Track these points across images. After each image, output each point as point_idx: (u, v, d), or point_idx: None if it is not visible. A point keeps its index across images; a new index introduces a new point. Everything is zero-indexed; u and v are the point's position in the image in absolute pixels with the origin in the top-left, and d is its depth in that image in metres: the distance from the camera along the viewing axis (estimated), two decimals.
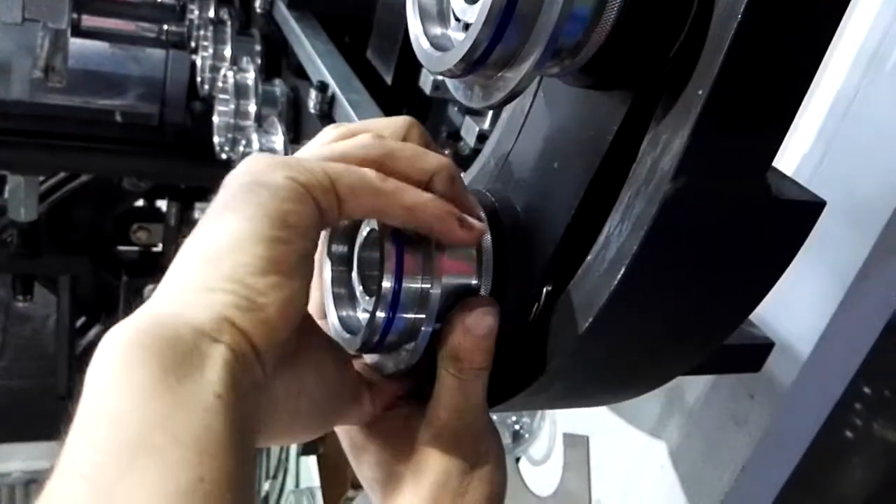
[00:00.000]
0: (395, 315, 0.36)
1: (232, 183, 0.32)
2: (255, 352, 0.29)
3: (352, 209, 0.33)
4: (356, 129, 0.38)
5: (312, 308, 0.42)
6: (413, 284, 0.36)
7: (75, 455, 0.25)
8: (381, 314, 0.36)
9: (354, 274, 0.41)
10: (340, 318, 0.40)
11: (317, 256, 0.41)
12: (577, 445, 0.93)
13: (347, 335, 0.39)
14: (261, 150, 0.77)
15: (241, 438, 0.27)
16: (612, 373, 0.41)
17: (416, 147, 0.37)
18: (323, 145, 0.37)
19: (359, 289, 0.40)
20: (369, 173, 0.34)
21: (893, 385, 0.61)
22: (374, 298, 0.37)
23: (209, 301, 0.28)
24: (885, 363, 0.60)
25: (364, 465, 0.42)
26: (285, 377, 0.34)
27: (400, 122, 0.38)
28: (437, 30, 0.34)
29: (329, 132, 0.38)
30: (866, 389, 0.62)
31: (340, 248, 0.41)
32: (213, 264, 0.30)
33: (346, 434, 0.43)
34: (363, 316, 0.40)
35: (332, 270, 0.41)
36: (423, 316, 0.37)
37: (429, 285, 0.36)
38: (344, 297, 0.41)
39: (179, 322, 0.28)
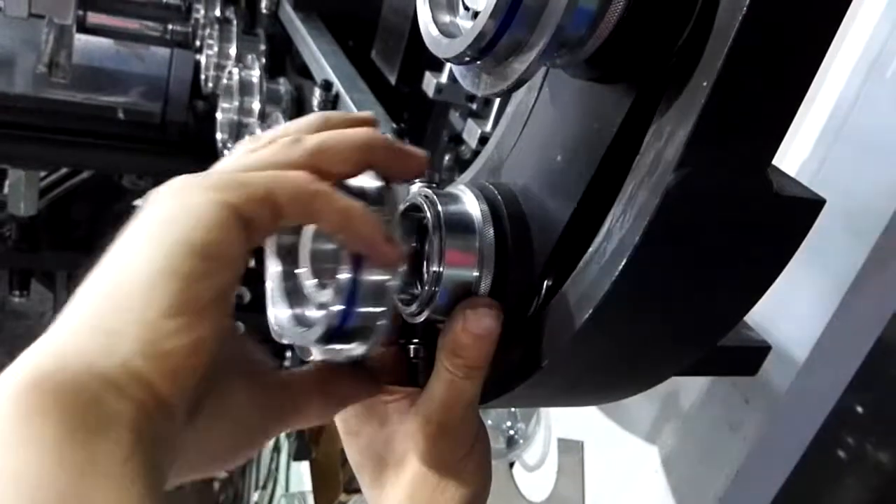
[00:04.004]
0: (351, 309, 0.34)
1: (155, 204, 0.30)
2: (163, 404, 0.27)
3: (288, 215, 0.31)
4: (270, 136, 0.36)
5: None
6: (371, 277, 0.35)
7: None
8: (336, 308, 0.34)
9: (305, 266, 0.39)
10: (293, 313, 0.38)
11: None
12: (571, 451, 0.93)
13: (300, 329, 0.37)
14: None
15: (156, 494, 0.25)
16: (611, 368, 0.41)
17: (335, 132, 0.35)
18: (244, 155, 0.34)
19: (310, 282, 0.39)
20: (303, 176, 0.32)
21: (887, 392, 0.62)
22: (327, 291, 0.36)
23: (114, 345, 0.26)
24: (879, 371, 0.61)
25: (354, 449, 0.43)
26: (205, 414, 0.32)
27: (313, 118, 0.37)
28: (445, 17, 0.35)
29: (244, 145, 0.36)
30: (861, 397, 0.62)
31: (289, 239, 0.39)
32: (120, 301, 0.27)
33: (340, 418, 0.43)
34: (315, 313, 0.38)
35: (279, 264, 0.39)
36: (382, 309, 0.35)
37: (387, 277, 0.35)
38: (294, 290, 0.39)
39: (83, 368, 0.25)
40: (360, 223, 0.33)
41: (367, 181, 0.36)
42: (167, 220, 0.29)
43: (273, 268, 0.39)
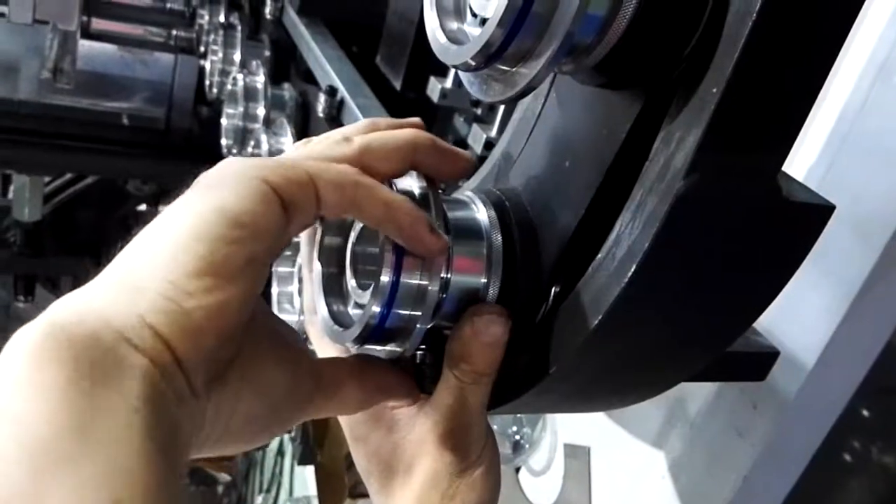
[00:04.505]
0: (390, 311, 0.36)
1: (200, 180, 0.31)
2: (178, 362, 0.27)
3: (332, 205, 0.32)
4: (321, 137, 0.37)
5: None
6: (411, 280, 0.35)
7: None
8: (375, 309, 0.35)
9: (347, 268, 0.40)
10: (331, 312, 0.40)
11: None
12: (577, 456, 0.93)
13: (338, 328, 0.38)
14: (269, 151, 0.77)
15: (163, 455, 0.24)
16: (619, 375, 0.41)
17: (383, 132, 0.36)
18: (295, 151, 0.36)
19: (352, 283, 0.40)
20: (348, 168, 0.33)
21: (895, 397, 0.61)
22: (367, 293, 0.37)
23: (134, 301, 0.26)
24: (888, 376, 0.60)
25: (361, 455, 0.43)
26: (232, 384, 0.31)
27: (361, 122, 0.38)
28: (453, 24, 0.35)
29: (297, 144, 0.37)
30: (869, 402, 0.62)
31: (335, 241, 0.41)
32: (149, 260, 0.28)
33: (347, 424, 0.43)
34: (354, 311, 0.39)
35: (323, 263, 0.40)
36: (419, 313, 0.36)
37: (427, 282, 0.35)
38: (336, 290, 0.40)
39: (100, 321, 0.25)
40: (403, 214, 0.33)
41: (411, 182, 0.37)
42: (205, 190, 0.30)
43: (316, 268, 0.40)
